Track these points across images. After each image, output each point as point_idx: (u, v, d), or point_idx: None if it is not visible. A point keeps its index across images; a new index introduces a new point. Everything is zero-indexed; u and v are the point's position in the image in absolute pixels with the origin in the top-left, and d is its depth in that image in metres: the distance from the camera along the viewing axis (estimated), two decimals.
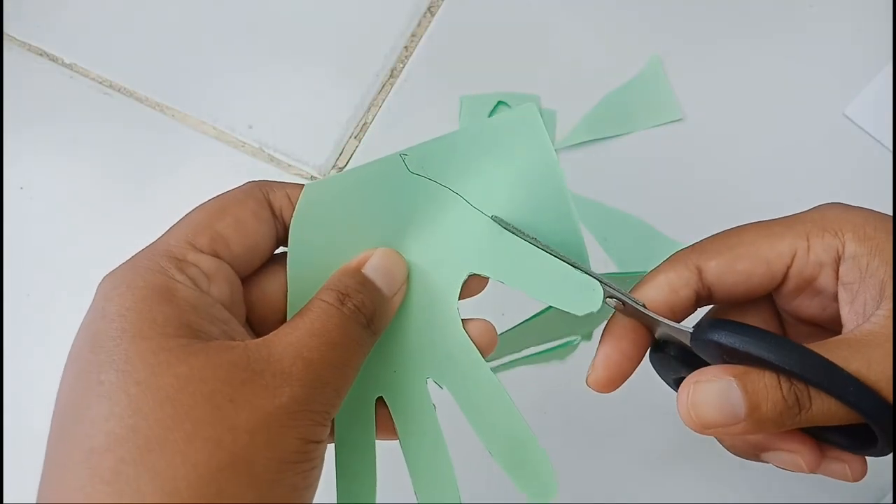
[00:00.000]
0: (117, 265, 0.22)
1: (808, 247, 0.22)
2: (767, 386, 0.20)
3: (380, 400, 0.25)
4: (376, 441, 0.24)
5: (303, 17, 0.48)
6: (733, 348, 0.21)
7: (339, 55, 0.47)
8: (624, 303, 0.23)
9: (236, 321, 0.21)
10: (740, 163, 0.44)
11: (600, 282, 0.23)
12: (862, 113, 0.45)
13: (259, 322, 0.24)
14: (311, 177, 0.45)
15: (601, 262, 0.43)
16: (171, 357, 0.19)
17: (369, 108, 0.46)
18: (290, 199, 0.24)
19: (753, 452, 0.24)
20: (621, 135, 0.45)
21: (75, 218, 0.44)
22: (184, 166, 0.45)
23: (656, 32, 0.47)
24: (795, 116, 0.45)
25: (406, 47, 0.47)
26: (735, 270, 0.23)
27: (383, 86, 0.46)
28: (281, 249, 0.24)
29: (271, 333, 0.20)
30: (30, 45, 0.48)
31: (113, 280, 0.21)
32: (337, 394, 0.20)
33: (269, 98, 0.46)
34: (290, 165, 0.45)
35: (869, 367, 0.20)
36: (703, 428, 0.21)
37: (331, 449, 0.24)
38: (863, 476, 0.23)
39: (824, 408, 0.20)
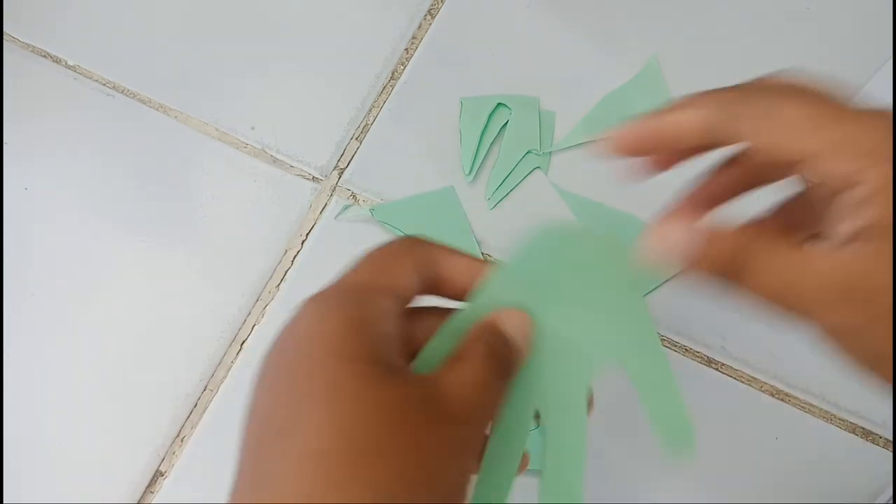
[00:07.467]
0: (319, 290, 0.24)
1: (831, 154, 0.21)
2: None
3: None
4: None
5: (304, 20, 0.48)
6: None
7: (340, 57, 0.48)
8: None
9: (402, 356, 0.24)
10: None
11: None
12: None
13: None
14: (313, 177, 0.45)
15: None
16: (372, 382, 0.21)
17: (370, 110, 0.46)
18: (433, 260, 0.26)
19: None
20: None
21: (79, 218, 0.45)
22: (186, 167, 0.45)
23: (654, 33, 0.47)
24: None
25: (406, 49, 0.48)
26: (765, 139, 0.22)
27: (384, 88, 0.47)
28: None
29: (438, 373, 0.23)
30: (33, 47, 0.48)
31: (324, 303, 0.23)
32: (484, 435, 0.23)
33: (271, 100, 0.47)
34: (291, 166, 0.45)
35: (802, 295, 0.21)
36: None
37: None
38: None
39: None
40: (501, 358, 0.24)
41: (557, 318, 0.26)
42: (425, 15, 0.48)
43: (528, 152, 0.45)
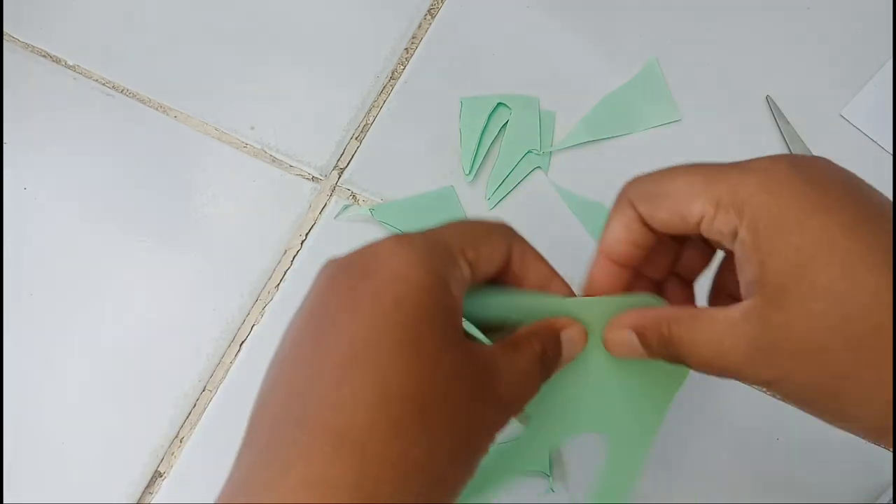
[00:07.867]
0: (401, 235, 0.24)
1: (714, 216, 0.23)
2: None
3: None
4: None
5: (304, 19, 0.48)
6: None
7: (340, 57, 0.48)
8: None
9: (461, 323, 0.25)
10: None
11: None
12: (859, 114, 0.45)
13: None
14: (313, 177, 0.45)
15: None
16: (448, 342, 0.22)
17: (370, 110, 0.46)
18: (515, 254, 0.26)
19: None
20: (620, 136, 0.45)
21: (78, 218, 0.45)
22: (186, 167, 0.45)
23: (653, 34, 0.47)
24: (792, 117, 0.45)
25: (406, 49, 0.47)
26: (657, 217, 0.24)
27: (384, 87, 0.47)
28: None
29: (495, 353, 0.24)
30: (32, 47, 0.48)
31: (413, 248, 0.23)
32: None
33: (271, 99, 0.47)
34: (291, 166, 0.45)
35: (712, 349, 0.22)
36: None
37: None
38: None
39: None
40: (550, 363, 0.25)
41: (594, 364, 0.27)
42: (425, 15, 0.48)
43: (528, 152, 0.45)
